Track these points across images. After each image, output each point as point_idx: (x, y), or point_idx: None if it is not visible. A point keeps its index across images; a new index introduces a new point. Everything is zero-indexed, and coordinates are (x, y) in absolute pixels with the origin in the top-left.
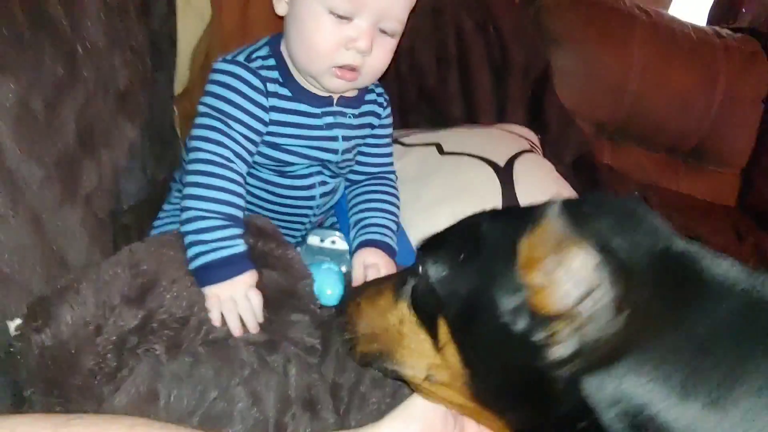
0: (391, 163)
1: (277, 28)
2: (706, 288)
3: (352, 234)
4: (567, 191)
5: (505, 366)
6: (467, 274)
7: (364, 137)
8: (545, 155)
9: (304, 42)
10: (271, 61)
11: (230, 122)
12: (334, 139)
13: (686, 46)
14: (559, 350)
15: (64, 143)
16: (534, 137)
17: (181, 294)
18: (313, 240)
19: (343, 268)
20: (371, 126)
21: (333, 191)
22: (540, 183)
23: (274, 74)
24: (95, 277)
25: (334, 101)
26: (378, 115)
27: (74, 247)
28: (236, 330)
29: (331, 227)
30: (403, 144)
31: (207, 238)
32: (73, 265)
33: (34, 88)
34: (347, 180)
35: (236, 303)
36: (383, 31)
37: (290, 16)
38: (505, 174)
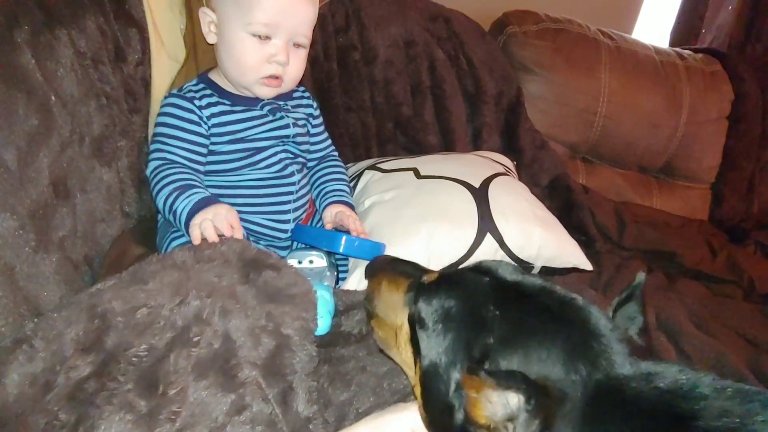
0: (332, 146)
1: None
2: (619, 416)
3: (317, 203)
4: (541, 211)
5: (454, 427)
6: (436, 344)
7: (306, 118)
8: (521, 179)
9: (234, 61)
10: (201, 85)
11: (167, 140)
12: (281, 119)
13: (650, 68)
14: None
15: (38, 192)
16: (509, 163)
17: (146, 324)
18: (291, 262)
19: (327, 282)
20: (309, 116)
21: (303, 171)
22: (514, 203)
23: (208, 92)
24: (50, 324)
25: (267, 98)
26: (311, 107)
27: (47, 294)
28: (212, 236)
29: (306, 248)
30: (381, 170)
31: (183, 195)
32: (46, 311)
33: (6, 141)
34: (306, 168)
35: (214, 219)
36: (296, 45)
37: (220, 44)
38: (480, 194)
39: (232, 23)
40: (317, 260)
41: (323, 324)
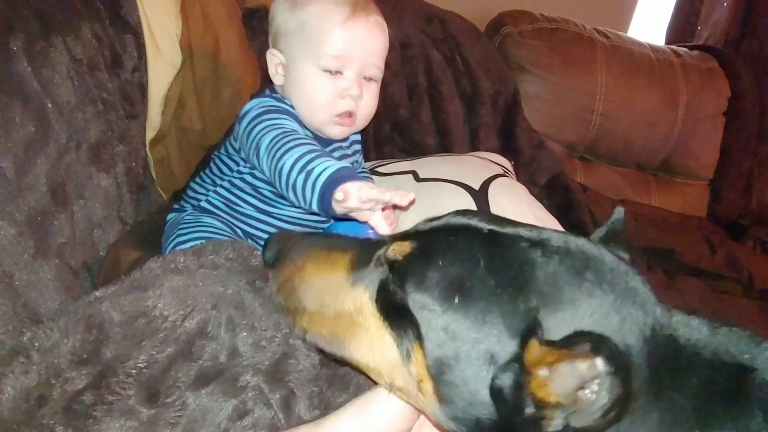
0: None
1: (245, 70)
2: (684, 367)
3: None
4: (541, 212)
5: (487, 418)
6: (458, 321)
7: (358, 158)
8: (519, 179)
9: (306, 100)
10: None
11: (279, 117)
12: None
13: (646, 65)
14: (548, 425)
15: (36, 199)
16: (507, 163)
17: (145, 335)
18: None
19: None
20: (358, 152)
21: None
22: (514, 204)
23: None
24: (47, 334)
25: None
26: (360, 141)
27: (47, 300)
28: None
29: None
30: (380, 173)
31: (322, 158)
32: (45, 317)
33: (4, 149)
34: None
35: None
36: (367, 78)
37: (290, 84)
38: (480, 196)
39: (302, 60)
40: None
41: None
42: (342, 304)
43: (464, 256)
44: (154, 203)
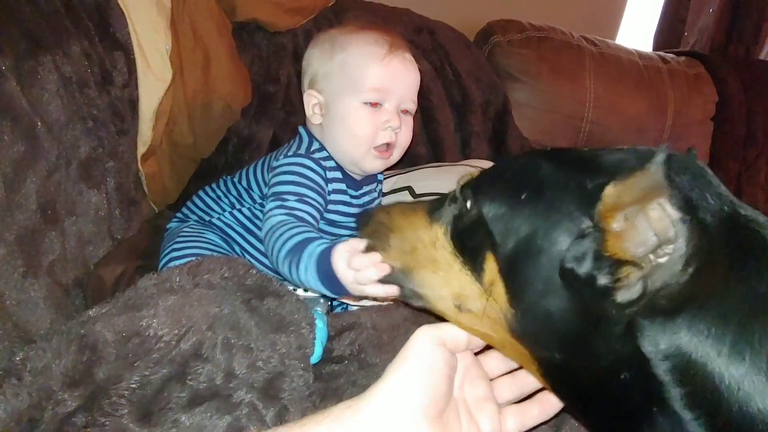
0: None
1: (236, 84)
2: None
3: None
4: None
5: (559, 308)
6: (528, 215)
7: (378, 194)
8: None
9: (348, 133)
10: (325, 153)
11: (296, 201)
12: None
13: (634, 72)
14: (625, 294)
15: (26, 218)
16: None
17: (138, 355)
18: None
19: (320, 309)
20: (380, 192)
21: None
22: None
23: (332, 163)
24: (39, 355)
25: (364, 183)
26: (381, 181)
27: (37, 319)
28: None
29: None
30: None
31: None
32: (37, 336)
33: None
34: None
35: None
36: (404, 111)
37: (329, 120)
38: None
39: (344, 96)
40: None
41: (315, 354)
42: (420, 238)
43: (527, 162)
44: (145, 218)
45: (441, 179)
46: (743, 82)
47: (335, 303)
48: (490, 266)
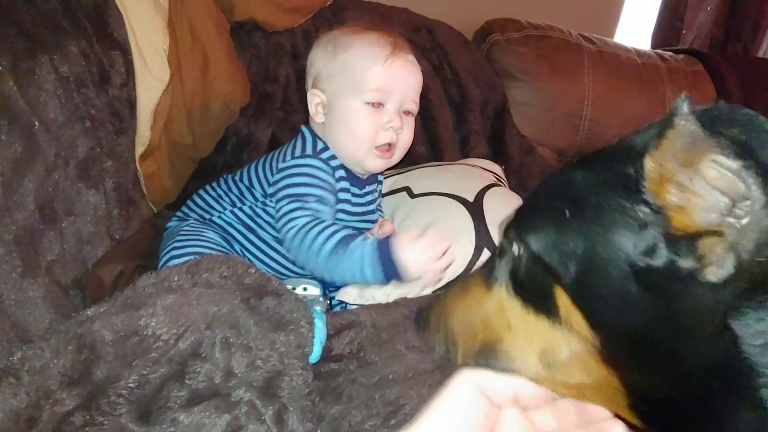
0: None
1: (235, 84)
2: None
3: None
4: None
5: (644, 317)
6: (579, 230)
7: (380, 202)
8: (510, 185)
9: (350, 133)
10: (330, 152)
11: (316, 202)
12: (372, 212)
13: (633, 70)
14: (717, 271)
15: (24, 218)
16: (498, 169)
17: (136, 354)
18: None
19: (318, 308)
20: (380, 193)
21: None
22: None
23: (337, 162)
24: (38, 355)
25: (366, 182)
26: (380, 182)
27: (36, 319)
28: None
29: (302, 276)
30: None
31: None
32: (36, 336)
33: None
34: None
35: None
36: (405, 112)
37: (331, 119)
38: (475, 208)
39: (346, 96)
40: (311, 288)
41: (314, 354)
42: (486, 313)
43: (558, 179)
44: (144, 218)
45: (439, 179)
46: (741, 79)
47: (334, 302)
48: (563, 300)
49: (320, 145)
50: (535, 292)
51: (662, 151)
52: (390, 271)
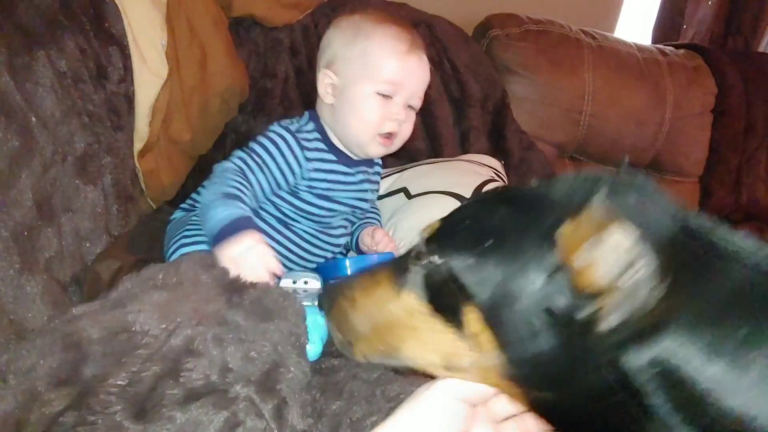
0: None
1: (233, 79)
2: (723, 260)
3: (353, 240)
4: None
5: (546, 347)
6: (497, 261)
7: (377, 184)
8: (510, 181)
9: (358, 117)
10: (315, 134)
11: (260, 167)
12: (365, 191)
13: (633, 65)
14: (606, 324)
15: (22, 214)
16: (497, 164)
17: (125, 351)
18: (286, 282)
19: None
20: (377, 182)
21: (348, 229)
22: None
23: (320, 138)
24: (24, 355)
25: (361, 164)
26: (380, 173)
27: (34, 316)
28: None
29: (303, 270)
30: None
31: (210, 215)
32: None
33: None
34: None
35: (245, 257)
36: (410, 107)
37: (341, 102)
38: None
39: (360, 83)
40: (312, 281)
41: (314, 350)
42: (392, 314)
43: (483, 207)
44: (143, 214)
45: (435, 177)
46: (742, 74)
47: None
48: (473, 318)
49: (308, 127)
50: (446, 304)
51: (576, 223)
52: (219, 242)
